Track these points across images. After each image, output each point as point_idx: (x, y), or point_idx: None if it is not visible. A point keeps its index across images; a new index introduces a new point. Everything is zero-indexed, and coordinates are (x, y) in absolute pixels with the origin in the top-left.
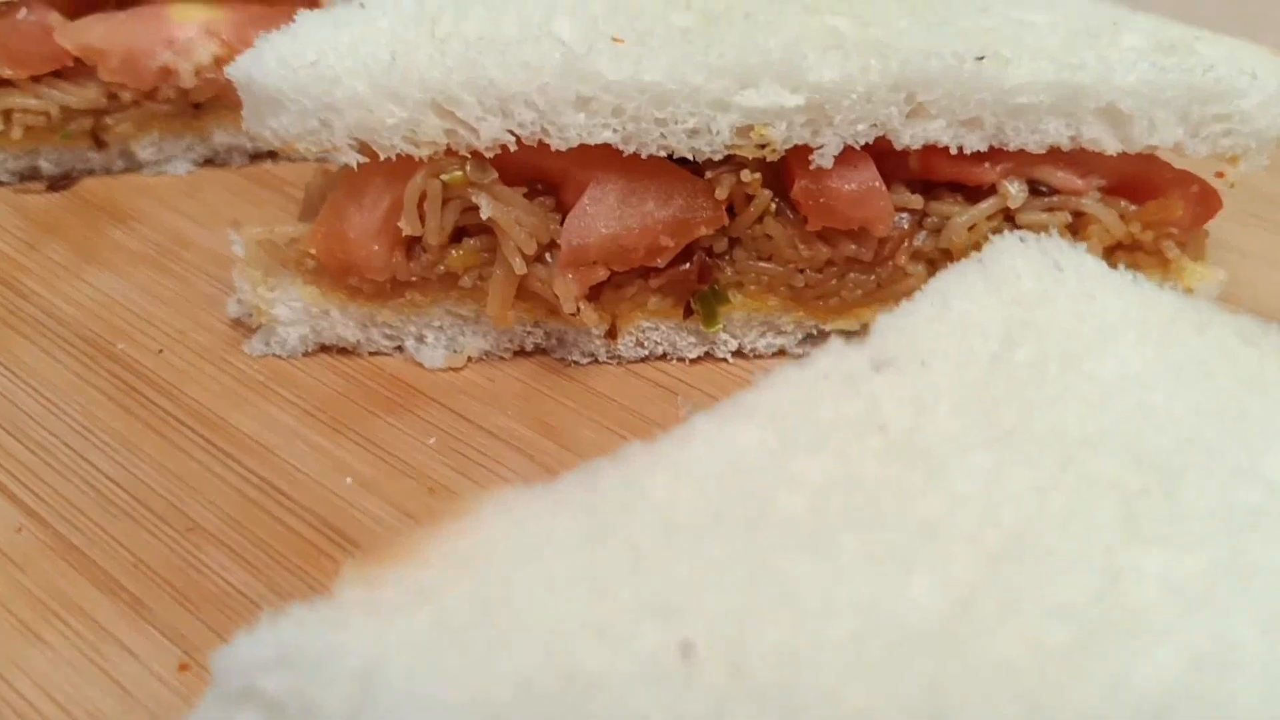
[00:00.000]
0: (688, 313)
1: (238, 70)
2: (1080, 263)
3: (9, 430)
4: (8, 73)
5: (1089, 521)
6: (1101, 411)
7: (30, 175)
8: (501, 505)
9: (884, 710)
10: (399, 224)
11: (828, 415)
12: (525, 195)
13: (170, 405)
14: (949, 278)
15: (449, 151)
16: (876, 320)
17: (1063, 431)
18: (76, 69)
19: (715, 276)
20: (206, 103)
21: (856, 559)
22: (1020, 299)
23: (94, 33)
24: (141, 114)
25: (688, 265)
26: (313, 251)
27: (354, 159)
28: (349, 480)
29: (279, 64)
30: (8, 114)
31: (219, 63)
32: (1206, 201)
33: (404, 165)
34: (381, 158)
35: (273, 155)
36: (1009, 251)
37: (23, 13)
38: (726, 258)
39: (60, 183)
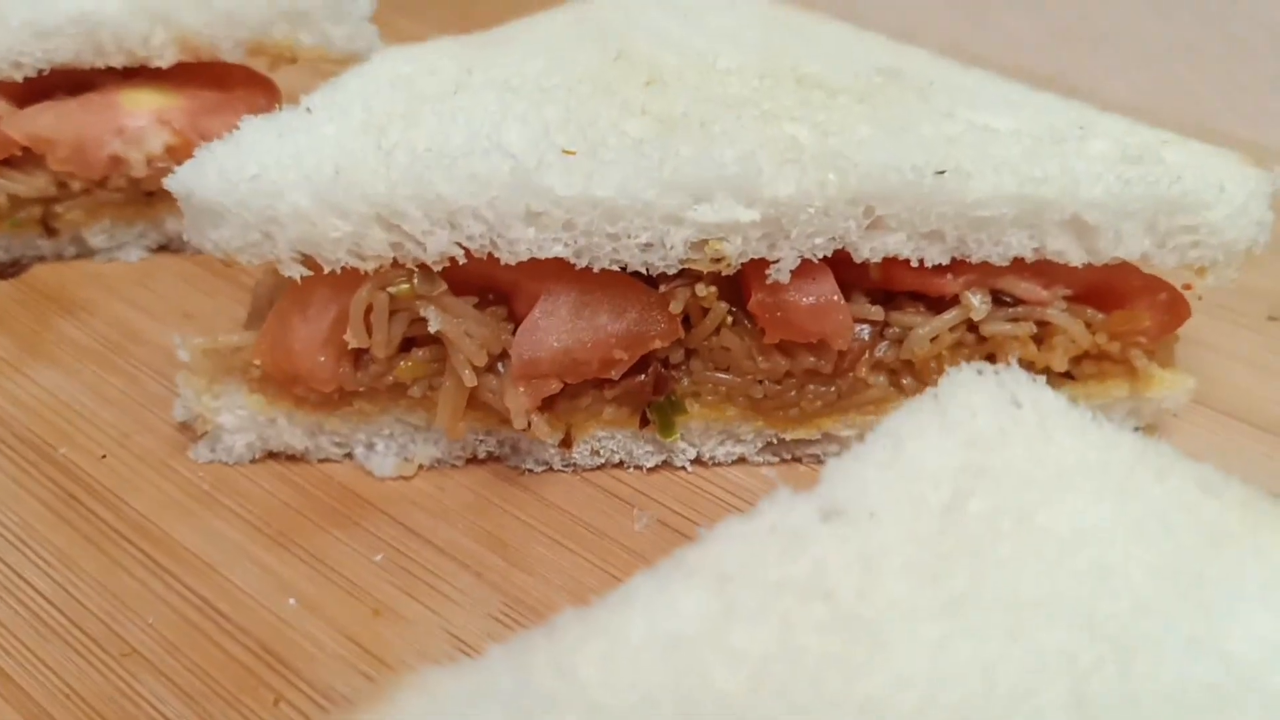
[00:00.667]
0: (644, 422)
1: (178, 183)
2: (1039, 398)
3: None
4: None
5: (1038, 702)
6: (1056, 571)
7: None
8: (424, 691)
9: None
10: (345, 336)
11: (773, 577)
12: (475, 305)
13: (111, 517)
14: (903, 417)
15: (395, 264)
16: (826, 465)
17: (1015, 595)
18: (25, 157)
19: (672, 387)
20: (159, 190)
21: None
22: (975, 440)
23: (43, 121)
24: (92, 202)
25: (643, 376)
26: (257, 362)
27: (298, 272)
28: (292, 601)
29: (219, 177)
30: None
31: (171, 152)
32: (1175, 309)
33: (349, 276)
34: (326, 270)
35: None
36: (966, 386)
37: None
38: (683, 368)
39: (9, 270)
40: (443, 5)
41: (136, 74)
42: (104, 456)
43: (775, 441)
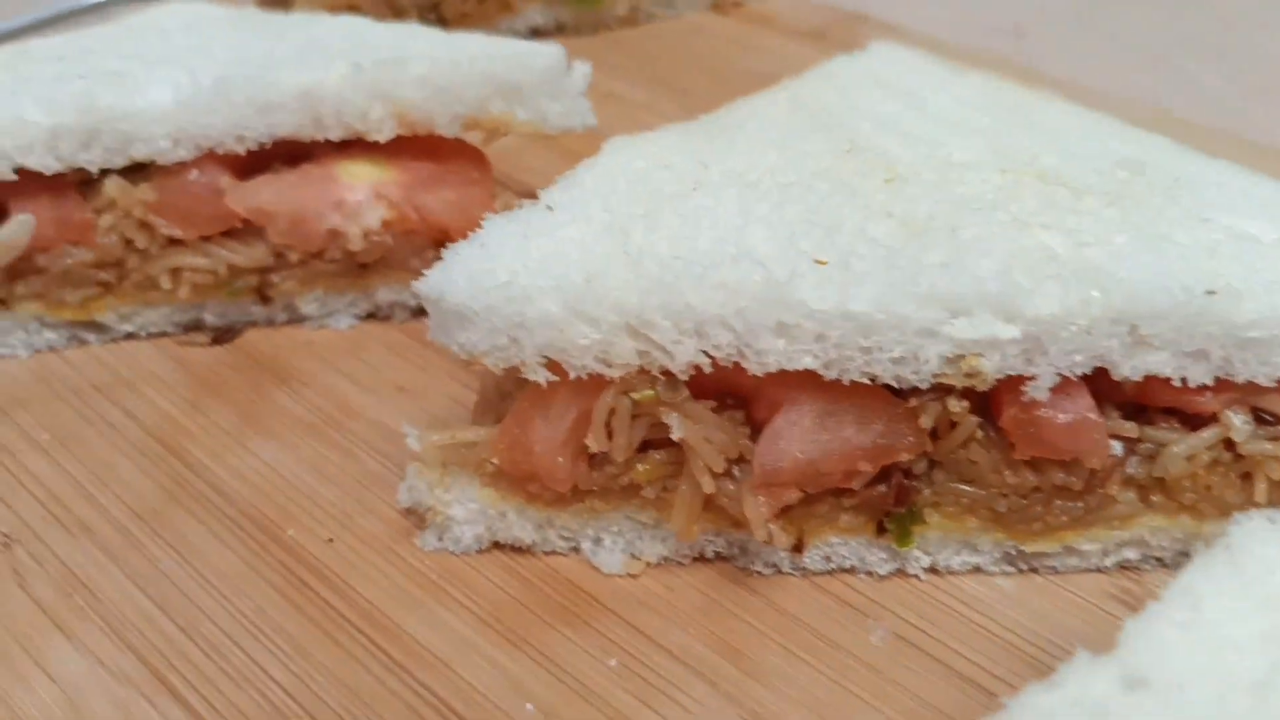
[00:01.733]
0: (880, 531)
1: (428, 287)
2: None
3: (182, 626)
4: (178, 233)
5: None
6: None
7: (193, 326)
8: None
9: None
10: (586, 440)
11: None
12: (713, 409)
13: (342, 604)
14: (1196, 574)
15: (641, 370)
16: (1124, 628)
17: None
18: (245, 229)
19: (913, 499)
20: (373, 262)
21: None
22: (1275, 600)
23: (264, 195)
24: (307, 272)
25: (884, 487)
26: (495, 460)
27: (543, 376)
28: (530, 707)
29: (469, 282)
30: (176, 272)
31: (387, 226)
32: None
33: (591, 379)
34: (571, 376)
35: None
36: (1259, 538)
37: (194, 174)
38: (925, 479)
39: (224, 335)
40: (648, 78)
41: (351, 145)
42: (330, 540)
43: (1014, 553)
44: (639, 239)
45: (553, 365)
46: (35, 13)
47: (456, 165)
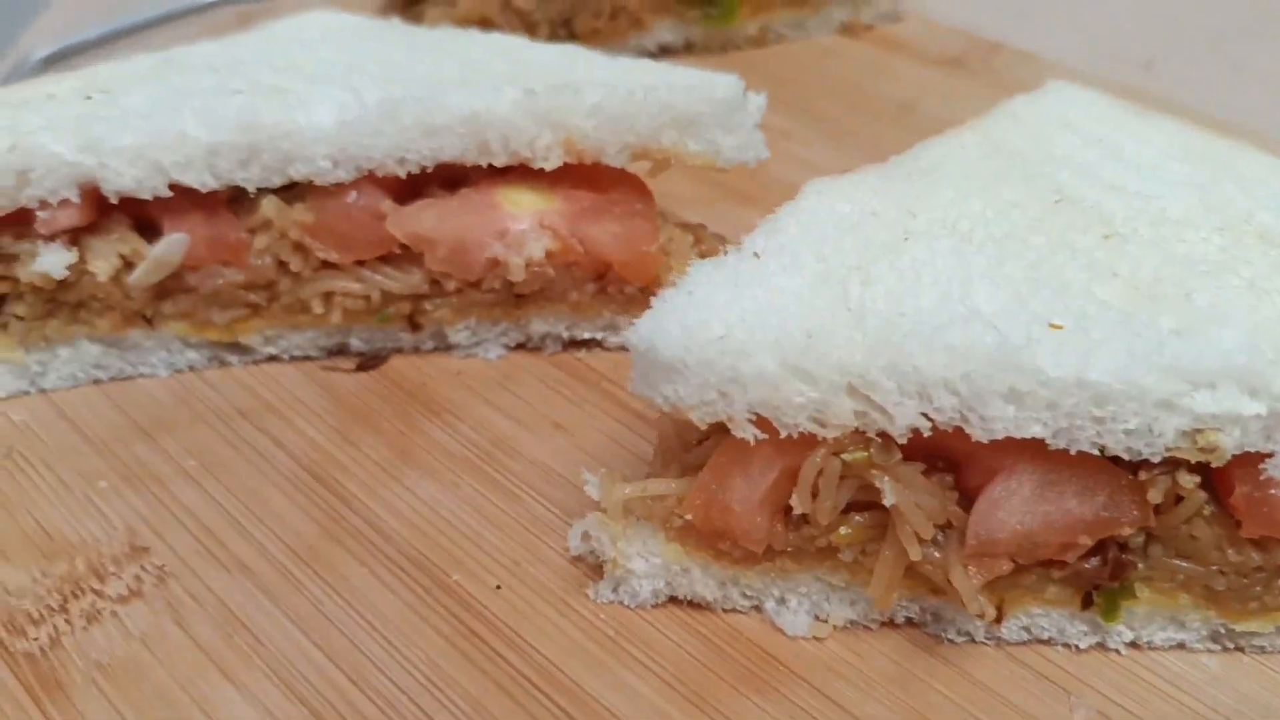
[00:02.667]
0: (1087, 603)
1: (639, 337)
2: None
3: (352, 677)
4: (334, 256)
5: None
6: None
7: (338, 351)
8: None
9: None
10: (787, 498)
11: None
12: (923, 472)
13: (517, 659)
14: None
15: (855, 431)
16: None
17: None
18: (402, 255)
19: (1128, 574)
20: (530, 293)
21: None
22: None
23: (425, 221)
24: (462, 301)
25: (1098, 560)
26: (688, 516)
27: (751, 434)
28: None
29: (683, 333)
30: (328, 297)
31: (551, 257)
32: None
33: (798, 438)
34: (782, 435)
35: (586, 345)
36: None
37: (352, 196)
38: (1141, 553)
39: (370, 362)
40: (783, 102)
41: (511, 171)
42: (499, 587)
43: (1222, 631)
44: (857, 292)
45: (762, 423)
46: (143, 13)
47: (620, 195)
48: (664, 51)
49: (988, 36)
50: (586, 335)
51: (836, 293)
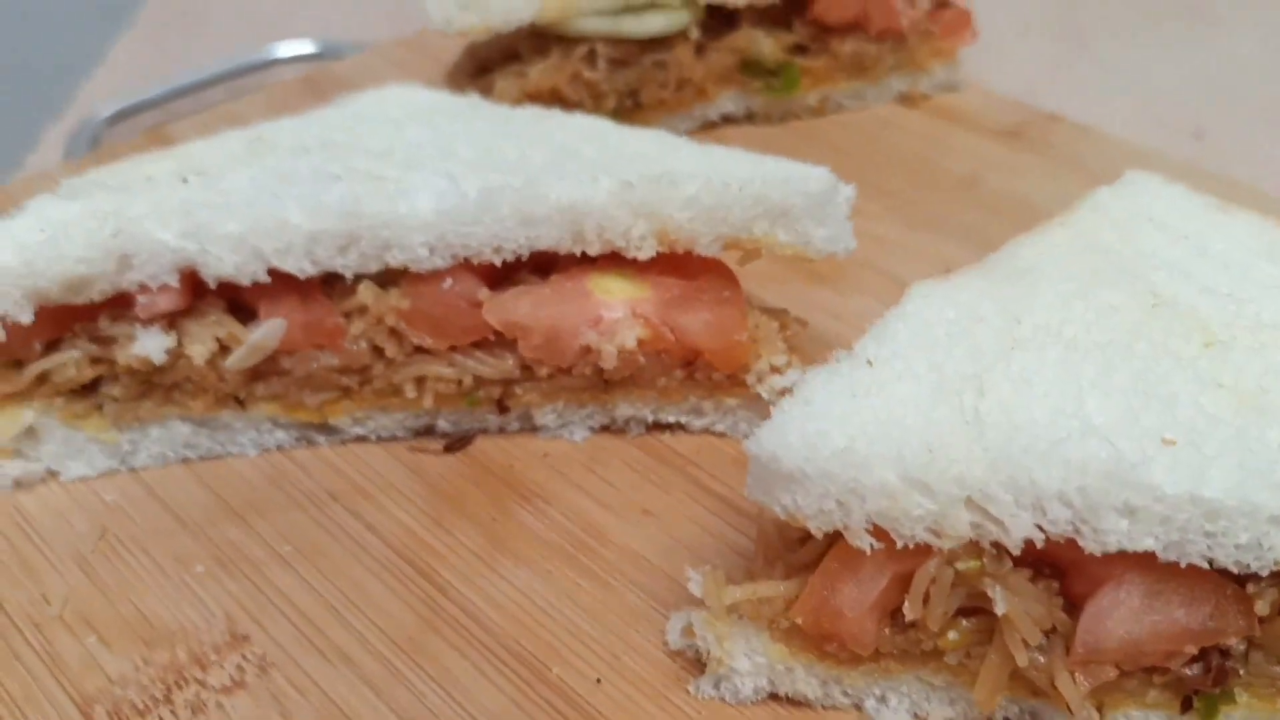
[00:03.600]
0: (1186, 706)
1: (760, 446)
2: None
3: None
4: (428, 342)
5: None
6: None
7: (425, 431)
8: None
9: None
10: (898, 604)
11: None
12: (1029, 578)
13: None
14: None
15: (970, 541)
16: None
17: None
18: (495, 340)
19: (1230, 681)
20: (619, 379)
21: None
22: None
23: (519, 309)
24: (552, 386)
25: (1199, 666)
26: (797, 620)
27: (868, 543)
28: None
29: (804, 444)
30: (421, 381)
31: (642, 344)
32: None
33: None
34: (899, 545)
35: (669, 428)
36: None
37: (448, 283)
38: (1241, 659)
39: (456, 444)
40: (844, 174)
41: (602, 257)
42: (599, 681)
43: None
44: (972, 403)
45: (878, 532)
46: (201, 68)
47: (708, 283)
48: (725, 121)
49: (1043, 106)
50: (671, 419)
51: (953, 404)
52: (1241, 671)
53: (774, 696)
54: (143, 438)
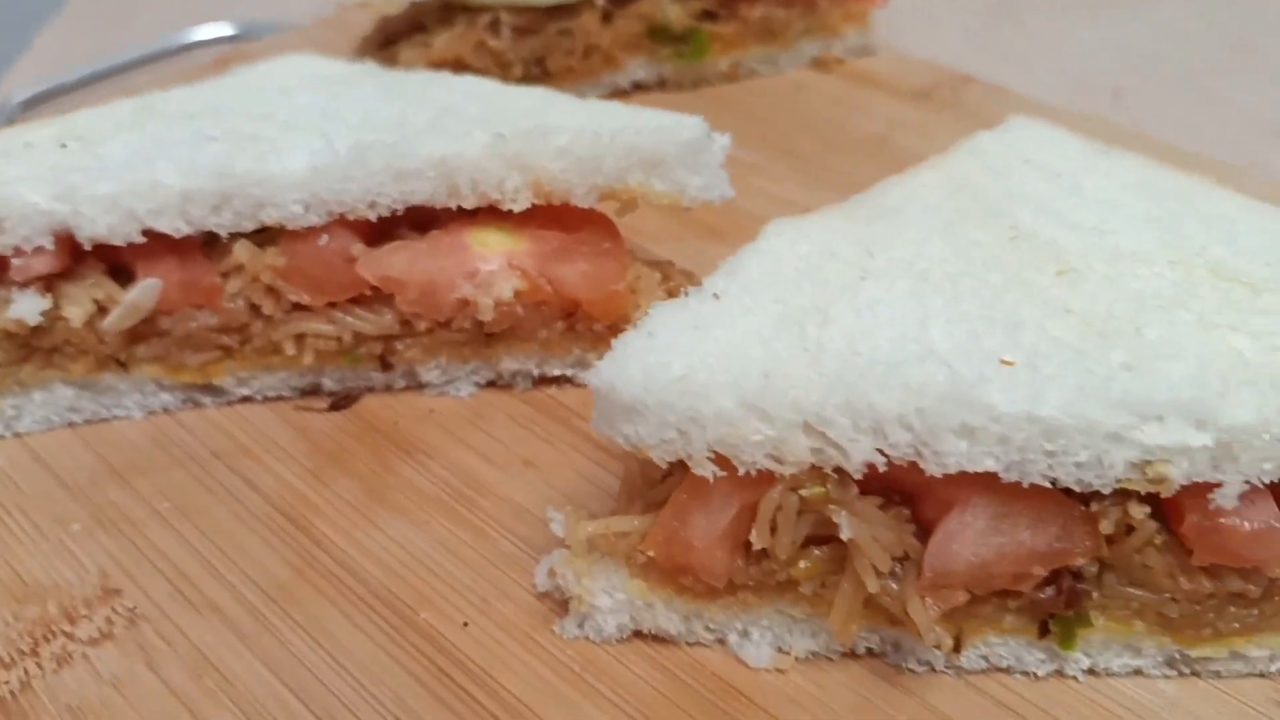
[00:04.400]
0: (1044, 632)
1: (599, 378)
2: None
3: (320, 717)
4: (305, 299)
5: None
6: None
7: (311, 391)
8: None
9: None
10: (747, 534)
11: None
12: (879, 505)
13: (485, 697)
14: None
15: (811, 467)
16: None
17: None
18: (372, 296)
19: (1083, 603)
20: (500, 332)
21: None
22: None
23: (395, 263)
24: (432, 341)
25: (1053, 590)
26: (650, 553)
27: (710, 471)
28: None
29: (643, 374)
30: (300, 339)
31: (520, 297)
32: None
33: (757, 474)
34: (740, 472)
35: (556, 381)
36: None
37: (323, 239)
38: (1095, 582)
39: (341, 402)
40: (755, 138)
41: (481, 211)
42: (466, 624)
43: (1178, 657)
44: (814, 333)
45: (721, 460)
46: (122, 55)
47: (588, 235)
48: (637, 88)
49: (959, 70)
50: (556, 372)
51: (794, 333)
52: (1095, 594)
53: (638, 635)
54: (26, 402)
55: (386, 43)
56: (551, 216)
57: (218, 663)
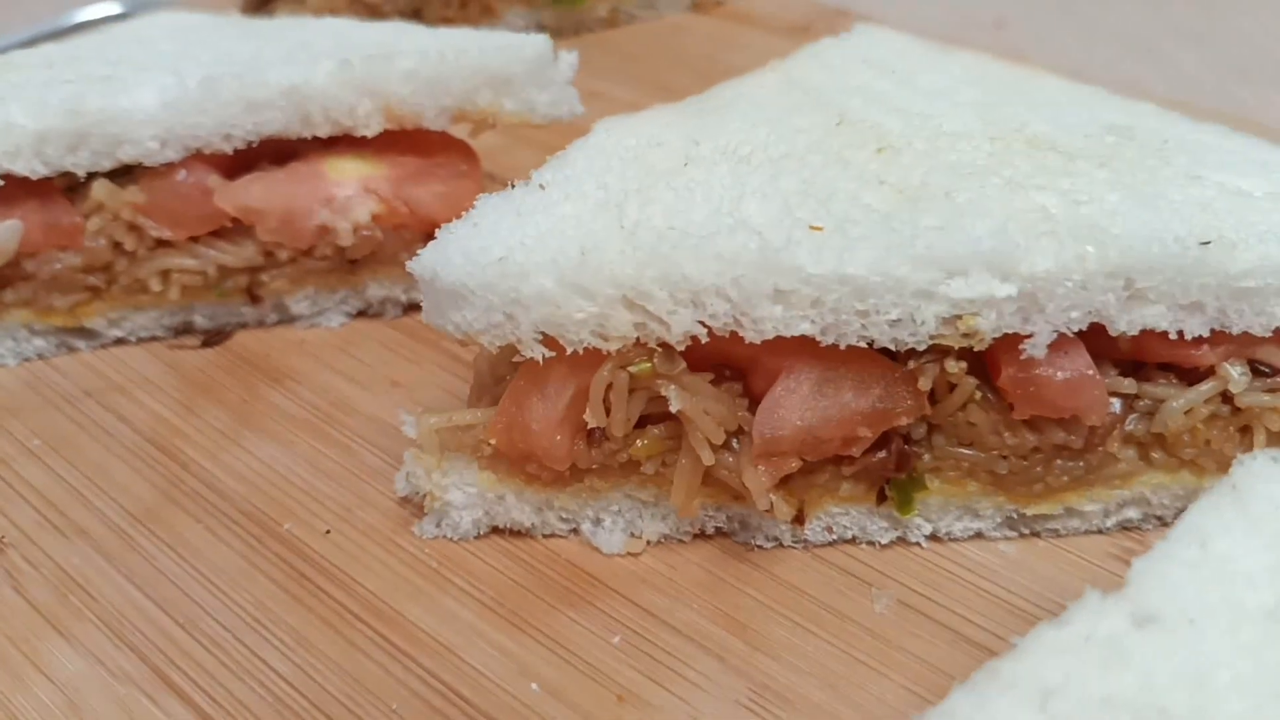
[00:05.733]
0: (881, 498)
1: (421, 266)
2: None
3: (181, 623)
4: (167, 234)
5: None
6: None
7: (184, 330)
8: None
9: None
10: (583, 415)
11: (1097, 692)
12: (711, 381)
13: (343, 595)
14: (1202, 512)
15: (637, 343)
16: (1132, 567)
17: None
18: (234, 228)
19: (914, 464)
20: (363, 258)
21: None
22: None
23: (252, 193)
24: (297, 270)
25: (885, 453)
26: (492, 441)
27: (539, 353)
28: (535, 686)
29: (465, 259)
30: (165, 274)
31: (377, 220)
32: None
33: (587, 355)
34: (568, 351)
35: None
36: (1263, 477)
37: (182, 174)
38: (925, 444)
39: (214, 338)
40: (632, 77)
41: (339, 142)
42: (328, 532)
43: (1015, 517)
44: (633, 213)
45: (549, 341)
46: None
47: (444, 158)
48: None
49: (834, 5)
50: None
51: (613, 215)
52: (926, 456)
53: (496, 531)
54: None
55: (263, 2)
56: (408, 143)
57: (83, 582)
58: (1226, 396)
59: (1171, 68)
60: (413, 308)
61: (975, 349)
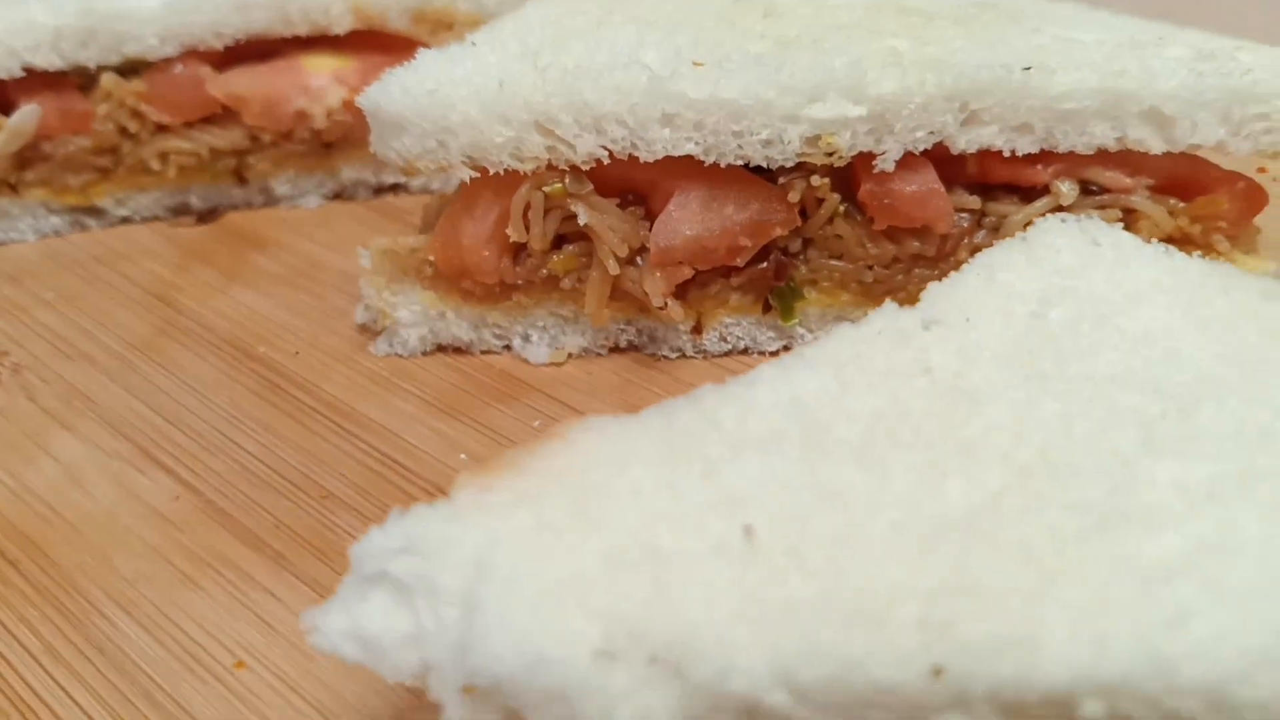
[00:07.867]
0: (766, 309)
1: (367, 99)
2: (1117, 239)
3: (169, 419)
4: (166, 119)
5: (1111, 440)
6: (1129, 357)
7: (181, 210)
8: (591, 429)
9: (915, 585)
10: (507, 231)
11: (881, 364)
12: (618, 205)
13: (307, 397)
14: (994, 253)
15: (550, 166)
16: (927, 289)
17: (1092, 373)
18: (223, 115)
19: (791, 274)
20: (336, 142)
21: (900, 469)
22: (1059, 270)
23: (239, 83)
24: (279, 153)
25: (765, 264)
26: (431, 258)
27: (466, 174)
28: (463, 456)
29: (402, 92)
30: (164, 156)
31: (347, 106)
32: (1253, 197)
33: (510, 180)
34: (491, 172)
35: (394, 189)
36: (1051, 230)
37: (178, 67)
38: (801, 257)
39: (207, 216)
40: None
41: (315, 43)
42: (297, 353)
43: None
44: (547, 59)
45: (475, 165)
46: None
47: (407, 56)
48: None
49: None
50: (391, 180)
51: (530, 60)
52: (803, 269)
53: (440, 350)
54: None
55: None
56: (377, 45)
57: (87, 392)
58: (1060, 210)
59: None
60: (381, 190)
61: (836, 166)
